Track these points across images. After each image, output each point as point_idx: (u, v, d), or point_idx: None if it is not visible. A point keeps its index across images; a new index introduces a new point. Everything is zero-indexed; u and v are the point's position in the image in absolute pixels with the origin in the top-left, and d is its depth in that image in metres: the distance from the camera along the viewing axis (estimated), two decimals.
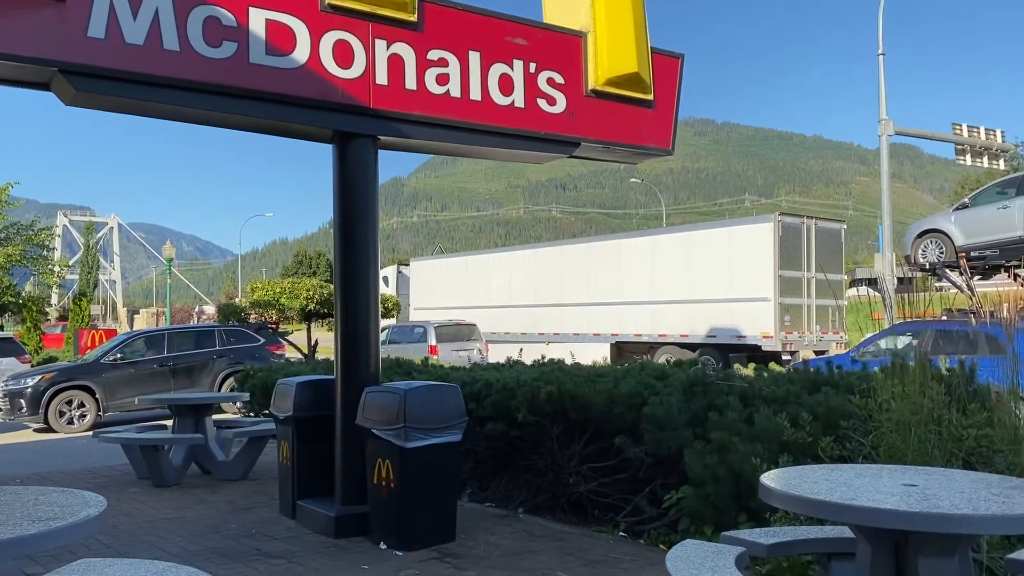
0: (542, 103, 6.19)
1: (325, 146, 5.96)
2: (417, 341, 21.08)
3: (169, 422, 8.96)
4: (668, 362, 6.94)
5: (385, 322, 19.65)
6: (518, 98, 6.07)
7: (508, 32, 6.08)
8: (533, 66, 6.15)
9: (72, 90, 4.67)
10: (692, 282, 20.52)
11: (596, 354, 18.24)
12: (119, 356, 14.01)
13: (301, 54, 5.26)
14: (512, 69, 6.05)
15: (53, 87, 4.84)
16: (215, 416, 8.84)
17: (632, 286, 21.81)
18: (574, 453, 5.96)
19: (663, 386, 5.66)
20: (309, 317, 18.36)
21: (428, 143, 6.12)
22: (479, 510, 6.36)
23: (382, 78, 5.54)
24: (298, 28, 5.25)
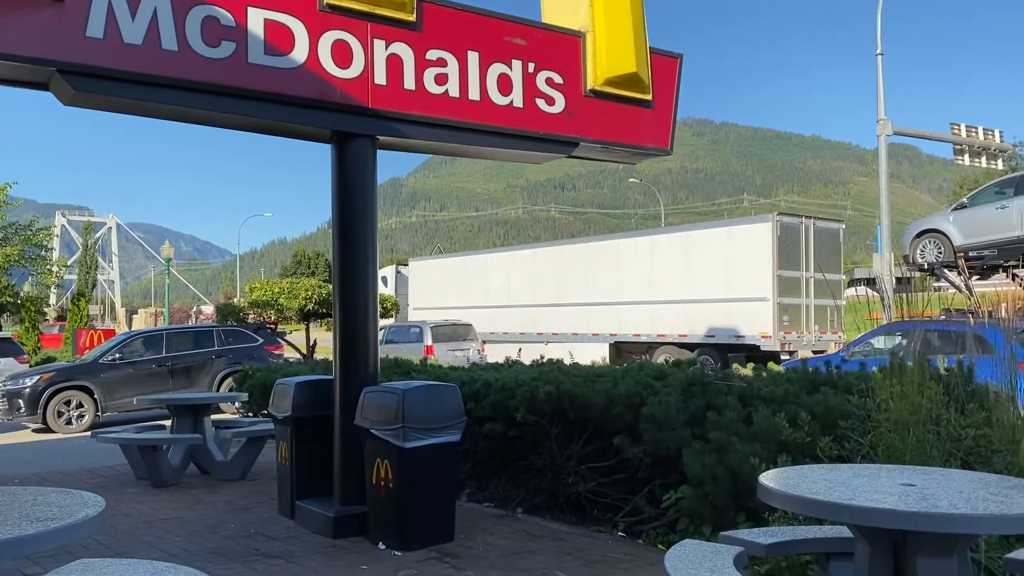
0: (541, 103, 6.19)
1: (324, 146, 5.96)
2: (413, 341, 21.11)
3: (168, 422, 8.96)
4: (667, 362, 6.94)
5: (383, 322, 19.64)
6: (517, 98, 6.07)
7: (507, 32, 6.08)
8: (532, 66, 6.15)
9: (70, 90, 4.66)
10: (691, 282, 20.52)
11: (595, 354, 18.25)
12: (117, 356, 14.00)
13: (300, 54, 5.26)
14: (511, 69, 6.05)
15: (51, 87, 4.83)
16: (214, 416, 8.85)
17: (631, 286, 21.81)
18: (573, 453, 5.96)
19: (662, 386, 5.66)
20: (308, 317, 18.38)
21: (427, 143, 6.11)
22: (478, 510, 6.36)
23: (381, 78, 5.54)
24: (297, 28, 5.25)
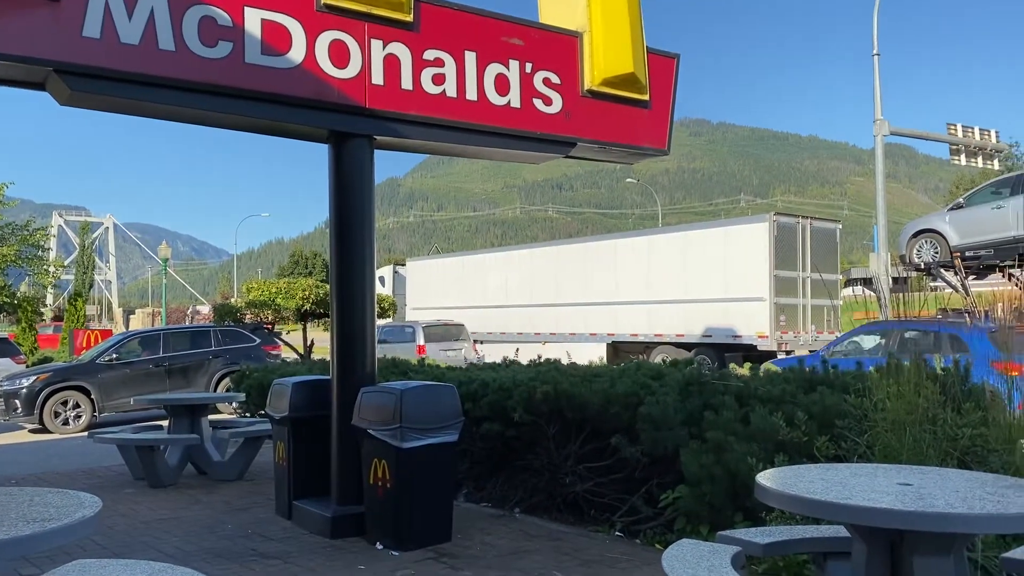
0: (538, 103, 6.18)
1: (321, 146, 5.95)
2: (407, 341, 21.20)
3: (165, 422, 8.94)
4: (664, 362, 6.95)
5: (379, 322, 19.64)
6: (514, 98, 6.07)
7: (504, 32, 6.08)
8: (529, 66, 6.14)
9: (67, 90, 4.66)
10: (688, 282, 20.54)
11: (592, 354, 18.30)
12: (115, 356, 13.98)
13: (297, 54, 5.25)
14: (508, 69, 6.05)
15: (48, 87, 4.82)
16: (211, 416, 8.83)
17: (628, 286, 21.83)
18: (570, 453, 5.96)
19: (659, 386, 5.66)
20: (305, 317, 18.36)
21: (424, 143, 6.11)
22: (475, 510, 6.36)
23: (378, 78, 5.54)
24: (294, 28, 5.24)
